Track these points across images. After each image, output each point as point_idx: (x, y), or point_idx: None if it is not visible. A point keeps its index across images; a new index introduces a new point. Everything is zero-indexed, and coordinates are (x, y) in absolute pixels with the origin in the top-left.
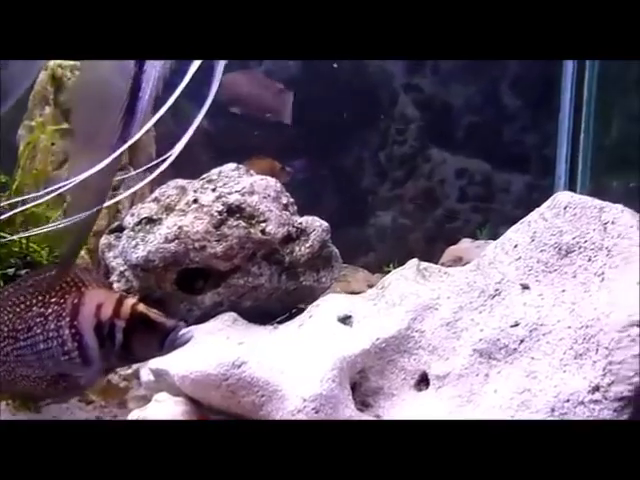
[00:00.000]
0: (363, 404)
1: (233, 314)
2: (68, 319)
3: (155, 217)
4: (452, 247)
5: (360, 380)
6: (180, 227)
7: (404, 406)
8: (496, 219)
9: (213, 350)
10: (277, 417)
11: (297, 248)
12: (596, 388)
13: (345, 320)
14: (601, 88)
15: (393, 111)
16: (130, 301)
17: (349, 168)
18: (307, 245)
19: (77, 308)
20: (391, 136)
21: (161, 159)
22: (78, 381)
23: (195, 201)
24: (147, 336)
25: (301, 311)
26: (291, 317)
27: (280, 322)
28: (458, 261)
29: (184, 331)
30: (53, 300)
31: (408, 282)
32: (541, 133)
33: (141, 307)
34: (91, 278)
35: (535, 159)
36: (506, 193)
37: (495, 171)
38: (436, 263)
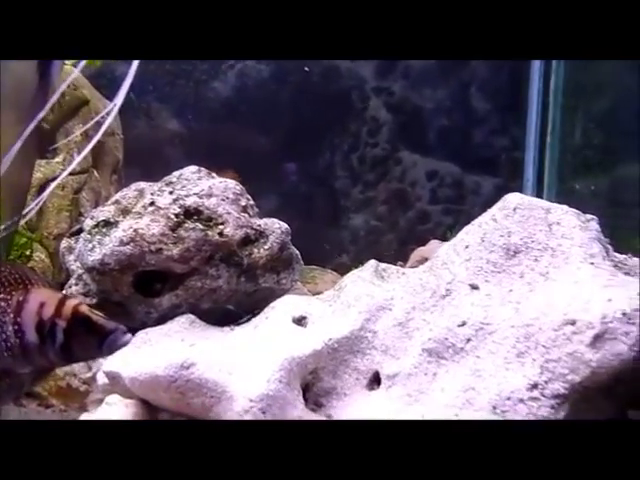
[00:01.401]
0: (316, 404)
1: (191, 316)
2: (12, 315)
3: (112, 220)
4: (420, 248)
5: (313, 380)
6: (135, 230)
7: (355, 406)
8: (466, 221)
9: (164, 352)
10: (226, 418)
11: (256, 250)
12: (534, 386)
13: (300, 321)
14: (566, 93)
15: (365, 114)
16: (72, 302)
17: (321, 171)
18: (266, 247)
19: (21, 305)
20: (363, 139)
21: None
22: (20, 380)
23: (152, 204)
24: (87, 337)
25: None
26: (252, 319)
27: (239, 324)
28: (424, 262)
29: (124, 335)
30: (0, 297)
31: (364, 283)
32: (510, 136)
33: (83, 308)
34: (37, 277)
35: (505, 162)
36: (476, 195)
37: (465, 173)
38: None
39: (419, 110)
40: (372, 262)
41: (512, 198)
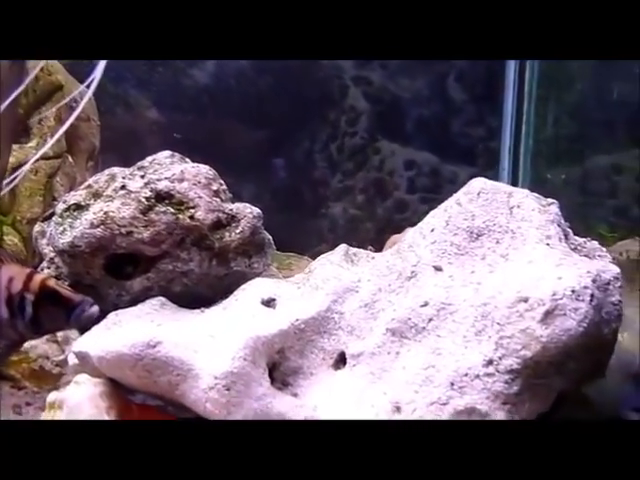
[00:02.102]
0: (282, 383)
1: (162, 298)
2: None
3: (83, 203)
4: (394, 235)
5: (279, 360)
6: (106, 213)
7: (321, 384)
8: None
9: (131, 331)
10: (192, 395)
11: (227, 234)
12: (490, 362)
13: (269, 303)
14: (541, 85)
15: (344, 103)
16: (40, 276)
17: (301, 160)
18: (237, 231)
19: None
20: (342, 128)
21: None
22: None
23: (123, 187)
24: (54, 309)
25: None
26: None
27: (209, 306)
28: None
29: (91, 306)
30: None
31: (333, 266)
32: (486, 126)
33: (50, 282)
34: (6, 255)
35: (481, 151)
36: (453, 184)
37: (443, 163)
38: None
39: (397, 100)
40: (342, 246)
41: (476, 183)
